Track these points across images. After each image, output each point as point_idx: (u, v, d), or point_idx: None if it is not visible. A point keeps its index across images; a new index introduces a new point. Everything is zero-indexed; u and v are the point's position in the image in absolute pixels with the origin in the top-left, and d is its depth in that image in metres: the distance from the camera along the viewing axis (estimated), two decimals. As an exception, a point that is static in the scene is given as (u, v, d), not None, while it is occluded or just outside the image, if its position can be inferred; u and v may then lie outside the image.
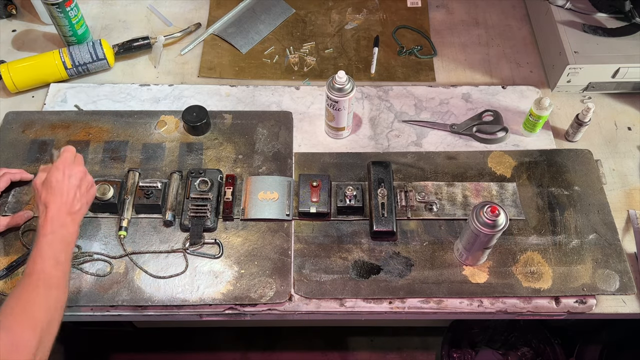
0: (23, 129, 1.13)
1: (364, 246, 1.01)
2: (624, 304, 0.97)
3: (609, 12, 1.22)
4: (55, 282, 0.79)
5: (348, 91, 1.03)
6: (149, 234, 1.01)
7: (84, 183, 0.90)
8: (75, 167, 0.89)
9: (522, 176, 1.09)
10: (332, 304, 0.96)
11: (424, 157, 1.11)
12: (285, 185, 1.06)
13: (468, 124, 1.15)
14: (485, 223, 0.86)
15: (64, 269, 0.81)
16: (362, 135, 1.15)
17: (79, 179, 0.89)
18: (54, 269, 0.80)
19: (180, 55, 1.28)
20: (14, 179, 1.03)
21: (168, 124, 1.15)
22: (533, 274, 0.98)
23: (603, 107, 1.21)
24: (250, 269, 0.98)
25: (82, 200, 0.89)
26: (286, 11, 1.36)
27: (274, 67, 1.27)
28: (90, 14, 1.34)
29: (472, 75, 1.26)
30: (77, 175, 0.89)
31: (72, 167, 0.89)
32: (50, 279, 0.79)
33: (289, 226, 1.03)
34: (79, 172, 0.89)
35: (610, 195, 1.07)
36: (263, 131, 1.14)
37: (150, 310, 0.95)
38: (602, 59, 1.15)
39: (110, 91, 1.20)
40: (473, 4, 1.39)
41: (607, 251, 1.00)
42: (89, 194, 0.91)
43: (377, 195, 1.02)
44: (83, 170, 0.91)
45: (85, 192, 0.90)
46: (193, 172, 1.04)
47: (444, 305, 0.96)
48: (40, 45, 1.29)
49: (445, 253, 1.00)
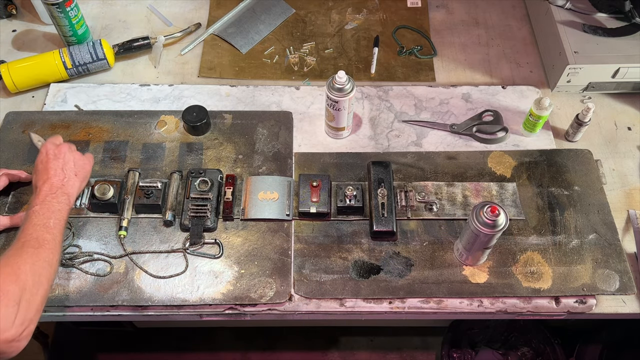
0: (23, 129, 1.13)
1: (364, 246, 1.01)
2: (624, 304, 0.97)
3: (609, 12, 1.22)
4: (42, 243, 0.81)
5: (348, 91, 1.03)
6: (149, 234, 1.01)
7: (69, 158, 0.94)
8: (58, 147, 0.94)
9: (522, 176, 1.09)
10: (332, 304, 0.96)
11: (424, 157, 1.11)
12: (285, 185, 1.06)
13: (468, 124, 1.15)
14: (485, 223, 0.86)
15: (53, 233, 0.83)
16: (362, 135, 1.15)
17: (62, 154, 0.93)
18: (42, 232, 0.82)
19: (180, 55, 1.28)
20: (13, 179, 1.03)
21: (168, 124, 1.15)
22: (533, 274, 0.98)
23: (603, 107, 1.21)
24: (250, 269, 0.98)
25: (69, 173, 0.92)
26: (286, 11, 1.36)
27: (274, 67, 1.27)
28: (90, 14, 1.34)
29: (472, 75, 1.26)
30: (59, 153, 0.94)
31: (54, 147, 0.94)
32: (38, 240, 0.81)
33: (289, 226, 1.03)
34: (61, 150, 0.94)
35: (610, 195, 1.07)
36: (263, 131, 1.14)
37: (150, 310, 0.95)
38: (602, 59, 1.15)
39: (110, 91, 1.20)
40: (473, 4, 1.39)
41: (607, 251, 1.00)
42: (80, 165, 0.95)
43: (377, 195, 1.02)
44: (66, 148, 0.95)
45: (71, 165, 0.93)
46: (193, 172, 1.04)
47: (444, 305, 0.96)
48: (40, 45, 1.29)
49: (445, 253, 1.00)
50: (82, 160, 0.96)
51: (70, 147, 0.96)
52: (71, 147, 0.97)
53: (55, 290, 0.95)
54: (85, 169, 0.96)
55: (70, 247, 0.99)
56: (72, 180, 0.92)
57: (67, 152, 0.94)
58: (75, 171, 0.93)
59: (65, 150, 0.94)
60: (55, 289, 0.95)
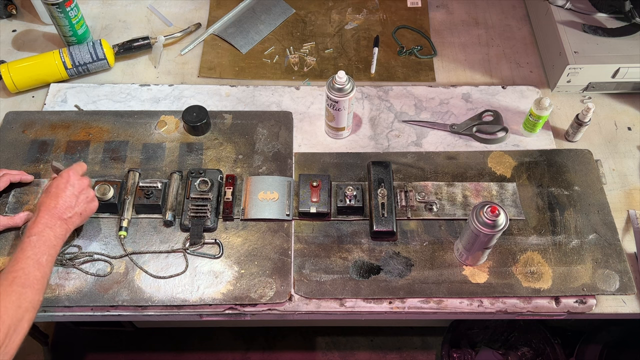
0: (23, 129, 1.13)
1: (364, 246, 1.01)
2: (624, 304, 0.97)
3: (609, 12, 1.22)
4: (31, 282, 0.79)
5: (348, 91, 1.03)
6: (149, 234, 1.01)
7: (84, 194, 0.93)
8: (80, 179, 0.93)
9: (522, 176, 1.09)
10: (332, 304, 0.96)
11: (424, 157, 1.11)
12: (285, 185, 1.06)
13: (468, 124, 1.15)
14: (485, 223, 0.86)
15: (44, 271, 0.82)
16: (362, 135, 1.15)
17: (80, 189, 0.92)
18: (33, 269, 0.80)
19: (180, 55, 1.28)
20: (13, 180, 1.03)
21: (168, 124, 1.15)
22: (533, 274, 0.98)
23: (603, 107, 1.21)
24: (250, 269, 0.98)
25: (77, 210, 0.91)
26: (286, 11, 1.36)
27: (274, 67, 1.27)
28: (90, 14, 1.34)
29: (472, 75, 1.26)
30: (79, 186, 0.92)
31: (77, 177, 0.93)
32: (28, 278, 0.79)
33: (289, 226, 1.03)
34: (82, 184, 0.93)
35: (610, 195, 1.07)
36: (263, 131, 1.14)
37: (150, 310, 0.95)
38: (602, 59, 1.15)
39: (110, 91, 1.20)
40: (473, 4, 1.39)
41: (607, 251, 1.00)
42: (87, 206, 0.93)
43: (377, 195, 1.02)
44: (87, 183, 0.94)
45: (83, 203, 0.92)
46: (193, 172, 1.04)
47: (444, 305, 0.96)
48: (40, 45, 1.29)
49: (445, 253, 1.00)
50: (92, 202, 0.95)
51: (90, 183, 0.96)
52: (90, 184, 0.96)
53: (55, 290, 0.95)
54: (91, 210, 0.95)
55: (70, 247, 0.99)
56: (76, 218, 0.91)
57: (86, 189, 0.93)
58: (81, 210, 0.92)
59: (85, 186, 0.93)
60: (55, 289, 0.95)
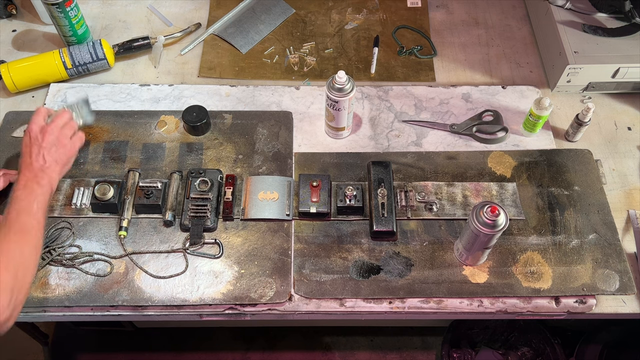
0: (23, 129, 1.13)
1: (364, 246, 1.01)
2: (624, 304, 0.97)
3: (609, 12, 1.22)
4: (28, 229, 0.82)
5: (348, 91, 1.03)
6: (149, 234, 1.01)
7: (51, 142, 0.92)
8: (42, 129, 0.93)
9: (522, 176, 1.09)
10: (332, 304, 0.96)
11: (424, 157, 1.11)
12: (285, 185, 1.06)
13: (468, 124, 1.15)
14: (485, 223, 0.86)
15: (37, 218, 0.84)
16: (362, 135, 1.15)
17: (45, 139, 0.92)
18: (26, 217, 0.83)
19: (180, 55, 1.28)
20: (13, 180, 1.02)
21: (168, 124, 1.15)
22: (533, 274, 0.98)
23: (603, 107, 1.21)
24: (250, 269, 0.98)
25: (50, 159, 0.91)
26: (286, 11, 1.36)
27: (274, 67, 1.27)
28: (90, 14, 1.34)
29: (472, 75, 1.26)
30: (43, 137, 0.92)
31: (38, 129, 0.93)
32: (25, 225, 0.82)
33: (289, 226, 1.03)
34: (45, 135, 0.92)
35: (610, 195, 1.07)
36: (263, 131, 1.14)
37: (150, 310, 0.95)
38: (602, 59, 1.15)
39: (110, 91, 1.20)
40: (473, 4, 1.39)
41: (607, 251, 1.00)
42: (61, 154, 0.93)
43: (377, 195, 1.02)
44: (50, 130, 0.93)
45: (55, 151, 0.92)
46: (193, 172, 1.04)
47: (444, 305, 0.96)
48: (40, 45, 1.29)
49: (445, 253, 1.00)
50: (66, 145, 0.94)
51: (54, 127, 0.94)
52: (55, 127, 0.94)
53: (56, 290, 0.95)
54: (68, 155, 0.95)
55: (71, 247, 0.99)
56: (53, 166, 0.91)
57: (50, 136, 0.92)
58: (56, 157, 0.92)
59: (48, 133, 0.92)
60: (56, 289, 0.95)
